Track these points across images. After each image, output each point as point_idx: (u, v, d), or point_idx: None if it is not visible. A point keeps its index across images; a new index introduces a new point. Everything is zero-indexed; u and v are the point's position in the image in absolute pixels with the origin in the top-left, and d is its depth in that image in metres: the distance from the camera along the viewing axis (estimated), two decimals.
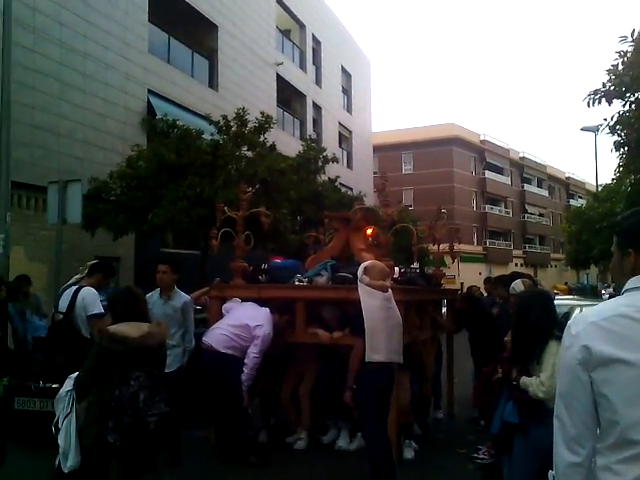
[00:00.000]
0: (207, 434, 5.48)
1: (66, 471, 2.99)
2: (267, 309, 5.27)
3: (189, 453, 5.30)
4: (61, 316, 4.72)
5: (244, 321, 5.09)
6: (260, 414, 5.91)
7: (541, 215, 53.25)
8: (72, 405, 3.09)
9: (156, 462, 3.47)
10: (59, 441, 3.03)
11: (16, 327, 7.00)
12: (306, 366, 5.78)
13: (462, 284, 22.78)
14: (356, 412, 4.73)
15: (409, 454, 5.15)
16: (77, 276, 5.12)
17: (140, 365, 3.06)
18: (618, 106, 8.10)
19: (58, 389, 4.91)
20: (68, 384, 3.19)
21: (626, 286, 1.57)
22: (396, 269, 7.89)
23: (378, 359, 3.98)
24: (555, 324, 3.40)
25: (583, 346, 1.49)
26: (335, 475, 4.71)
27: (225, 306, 5.65)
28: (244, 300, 5.71)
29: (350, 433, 5.55)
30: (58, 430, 3.06)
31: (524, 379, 3.26)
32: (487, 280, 8.83)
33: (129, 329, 3.08)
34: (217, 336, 5.04)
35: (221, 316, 5.48)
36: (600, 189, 23.66)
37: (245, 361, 4.97)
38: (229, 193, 9.69)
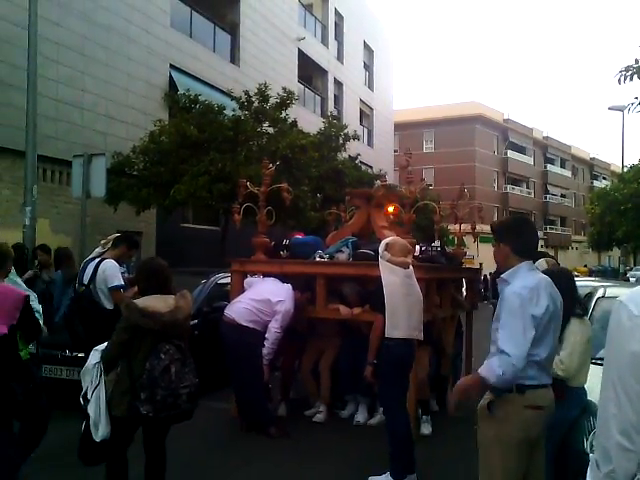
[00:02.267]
0: (229, 406, 5.60)
1: (98, 440, 3.07)
2: (289, 285, 5.32)
3: (210, 424, 5.42)
4: (83, 288, 4.80)
5: (266, 296, 5.15)
6: (280, 388, 6.01)
7: (563, 196, 52.41)
8: (100, 377, 3.14)
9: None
10: (89, 412, 3.09)
11: (55, 297, 7.04)
12: (326, 341, 5.85)
13: (481, 264, 22.60)
14: (376, 388, 4.79)
15: (426, 430, 5.21)
16: (98, 249, 5.18)
17: (169, 338, 3.11)
18: None
19: (83, 358, 5.05)
20: (94, 356, 3.22)
21: None
22: (417, 247, 7.88)
23: (398, 335, 4.01)
24: (576, 302, 3.39)
25: None
26: (352, 448, 4.78)
27: (247, 281, 5.71)
28: (265, 275, 5.77)
29: (368, 409, 5.62)
30: (87, 401, 3.11)
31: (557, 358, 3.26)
32: None
33: (158, 303, 3.11)
34: (239, 310, 5.11)
35: (243, 290, 5.55)
36: (626, 170, 23.16)
37: (266, 335, 5.04)
38: (250, 169, 9.72)
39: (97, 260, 4.93)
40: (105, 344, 3.23)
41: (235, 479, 4.10)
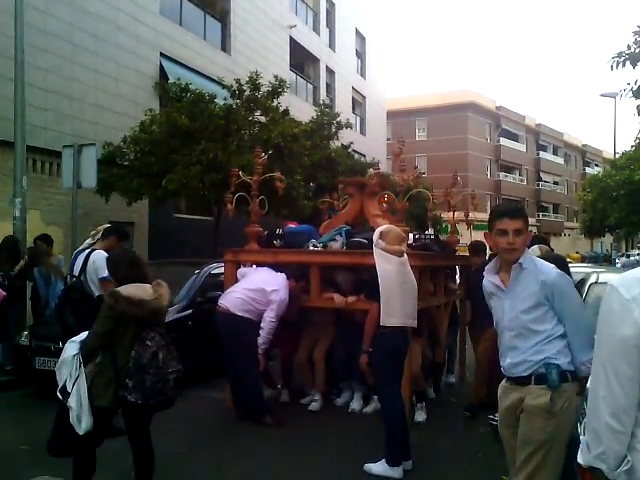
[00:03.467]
0: (224, 395, 5.60)
1: (82, 433, 3.04)
2: (283, 274, 5.31)
3: (206, 414, 5.43)
4: (74, 279, 4.78)
5: (260, 285, 5.13)
6: (281, 375, 6.02)
7: (556, 183, 52.60)
8: (79, 368, 3.08)
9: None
10: (71, 404, 3.04)
11: (40, 291, 7.10)
12: (321, 330, 5.85)
13: None
14: (371, 377, 4.80)
15: (420, 417, 5.23)
16: (88, 240, 5.16)
17: (152, 326, 3.15)
18: None
19: None
20: (72, 348, 3.15)
21: None
22: (410, 235, 7.88)
23: (393, 323, 4.01)
24: None
25: None
26: (348, 436, 4.80)
27: (240, 271, 5.69)
28: (259, 265, 5.76)
29: (364, 397, 5.64)
30: (67, 394, 3.06)
31: None
32: None
33: (140, 291, 3.11)
34: (233, 299, 5.10)
35: (236, 280, 5.53)
36: (618, 156, 23.23)
37: (261, 325, 5.03)
38: (242, 158, 9.65)
39: (87, 251, 4.90)
40: (81, 335, 3.19)
41: (231, 468, 4.10)
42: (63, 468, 3.96)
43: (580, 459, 1.54)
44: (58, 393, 3.11)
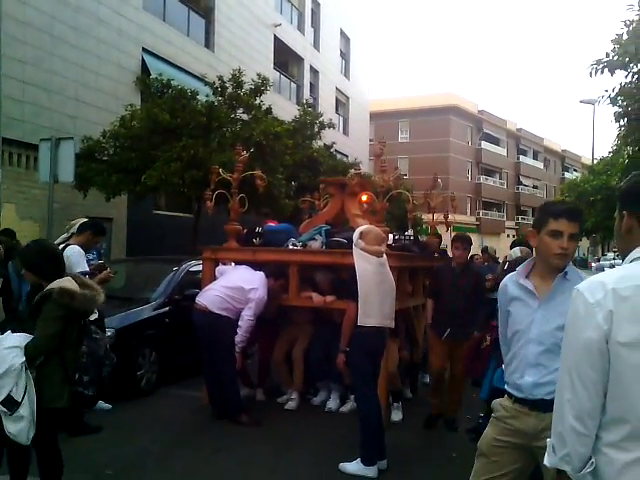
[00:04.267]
0: (200, 394, 5.56)
1: (29, 442, 2.83)
2: (262, 273, 5.29)
3: (181, 412, 5.38)
4: None
5: (239, 284, 5.10)
6: (258, 374, 6.00)
7: (535, 187, 53.31)
8: (27, 375, 2.82)
9: None
10: (24, 414, 2.76)
11: (13, 286, 6.95)
12: (299, 329, 5.84)
13: None
14: (348, 377, 4.81)
15: (397, 417, 5.26)
16: (64, 235, 5.07)
17: (87, 318, 3.08)
18: (620, 77, 8.01)
19: None
20: (14, 355, 2.80)
21: (634, 254, 1.50)
22: (390, 236, 7.90)
23: (371, 323, 4.02)
24: None
25: (606, 316, 1.39)
26: (325, 435, 4.80)
27: (218, 269, 5.65)
28: (237, 263, 5.72)
29: (340, 396, 5.65)
30: (17, 404, 2.75)
31: None
32: (484, 250, 8.85)
33: (74, 286, 2.91)
34: (211, 297, 5.06)
35: (215, 278, 5.49)
36: (596, 162, 23.64)
37: (239, 323, 5.00)
38: (223, 156, 9.59)
39: (61, 247, 4.81)
40: (12, 340, 2.85)
41: (207, 467, 4.07)
42: None
43: (546, 461, 1.56)
44: (1, 406, 2.77)
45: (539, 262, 2.28)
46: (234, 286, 5.10)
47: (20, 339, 2.85)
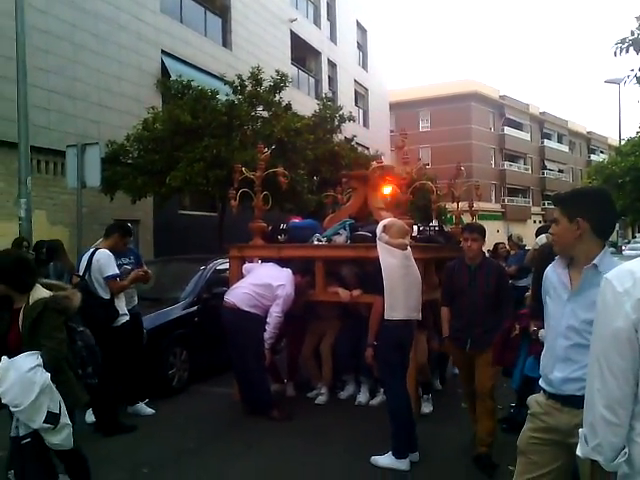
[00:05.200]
0: (231, 390, 5.65)
1: (74, 445, 2.93)
2: (289, 270, 5.33)
3: (213, 409, 5.48)
4: (78, 279, 4.79)
5: (267, 281, 5.16)
6: (287, 369, 6.06)
7: (561, 171, 52.29)
8: (52, 387, 2.80)
9: None
10: (65, 421, 2.81)
11: None
12: (327, 324, 5.87)
13: None
14: (377, 370, 4.82)
15: (427, 409, 5.25)
16: (101, 239, 5.18)
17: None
18: None
19: None
20: (39, 374, 2.72)
21: None
22: (414, 227, 7.87)
23: (397, 316, 4.02)
24: None
25: (635, 305, 1.37)
26: (355, 429, 4.83)
27: (245, 266, 5.71)
28: (263, 260, 5.77)
29: (370, 390, 5.67)
30: (56, 418, 2.76)
31: (542, 332, 3.24)
32: (509, 238, 8.75)
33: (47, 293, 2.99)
34: (240, 295, 5.12)
35: (242, 276, 5.55)
36: (624, 143, 23.08)
37: (267, 320, 5.06)
38: (245, 154, 9.66)
39: (91, 250, 4.91)
40: (29, 361, 2.75)
41: (239, 463, 4.14)
42: None
43: (579, 451, 1.55)
44: (43, 424, 2.73)
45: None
46: (262, 283, 5.15)
47: (34, 357, 2.77)
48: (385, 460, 3.99)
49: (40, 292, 2.94)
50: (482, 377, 4.03)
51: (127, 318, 4.91)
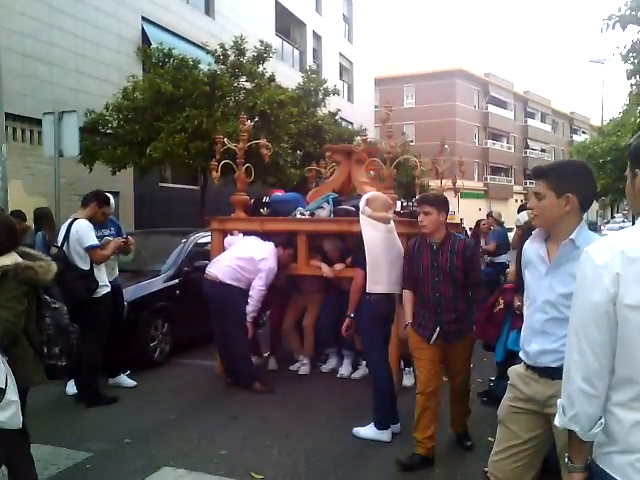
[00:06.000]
0: (213, 363, 5.64)
1: (21, 426, 2.67)
2: (271, 243, 5.29)
3: (195, 382, 5.47)
4: (57, 250, 4.69)
5: (249, 254, 5.12)
6: (270, 343, 6.07)
7: (543, 150, 52.67)
8: (2, 360, 2.64)
9: None
10: (12, 398, 2.59)
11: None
12: (309, 297, 5.87)
13: (462, 220, 22.83)
14: (359, 343, 4.84)
15: (408, 381, 5.30)
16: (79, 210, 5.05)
17: (45, 289, 2.94)
18: (632, 33, 7.79)
19: None
20: None
21: None
22: (398, 203, 7.85)
23: (379, 290, 4.02)
24: None
25: (614, 279, 1.38)
26: (337, 401, 4.87)
27: (227, 240, 5.65)
28: (245, 233, 5.72)
29: (352, 363, 5.71)
30: (2, 392, 2.55)
31: None
32: (488, 215, 8.79)
33: (21, 260, 2.74)
34: (222, 268, 5.08)
35: (223, 249, 5.50)
36: (606, 123, 23.25)
37: (250, 293, 5.04)
38: (227, 126, 9.50)
39: (69, 221, 4.80)
40: None
41: (222, 435, 4.15)
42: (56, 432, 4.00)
43: (556, 421, 1.58)
44: None
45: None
46: (245, 256, 5.11)
47: None
48: (367, 431, 4.03)
49: (8, 259, 2.70)
50: (458, 373, 3.75)
51: (108, 289, 4.84)
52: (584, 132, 56.12)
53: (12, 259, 2.71)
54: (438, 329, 3.54)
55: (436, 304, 3.59)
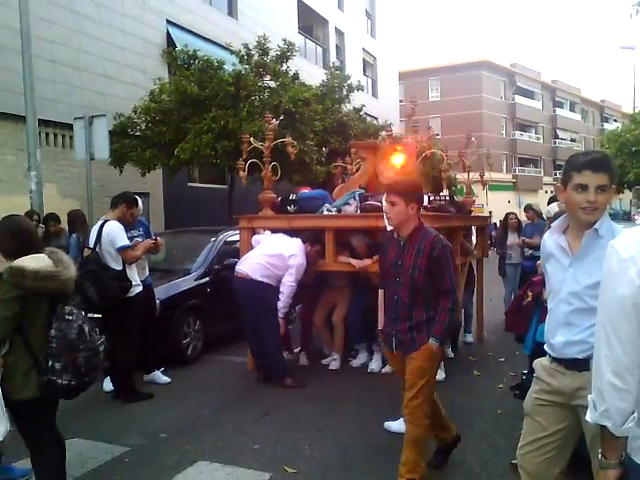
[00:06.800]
0: (244, 360, 5.71)
1: (2, 439, 2.63)
2: (299, 239, 5.33)
3: (227, 378, 5.55)
4: (90, 251, 4.80)
5: (278, 251, 5.17)
6: (301, 339, 6.12)
7: (573, 140, 51.55)
8: None
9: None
10: None
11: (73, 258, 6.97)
12: (338, 293, 5.90)
13: (491, 212, 22.54)
14: None
15: (440, 376, 5.24)
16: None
17: (65, 299, 2.80)
18: None
19: (95, 319, 5.09)
20: None
21: None
22: (425, 197, 7.79)
23: None
24: None
25: (639, 272, 1.37)
26: (368, 396, 4.88)
27: (254, 238, 5.71)
28: (273, 231, 5.77)
29: (383, 357, 5.71)
30: None
31: None
32: (528, 208, 8.37)
33: (40, 263, 2.69)
34: (252, 265, 5.14)
35: (252, 247, 5.56)
36: (637, 110, 22.64)
37: (281, 289, 5.09)
38: (253, 125, 9.58)
39: (100, 223, 4.92)
40: None
41: (255, 429, 4.20)
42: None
43: (588, 417, 1.56)
44: None
45: (571, 218, 2.18)
46: (274, 253, 5.16)
47: None
48: (398, 426, 4.02)
49: (22, 260, 2.66)
50: (411, 385, 3.11)
51: (140, 288, 4.94)
52: (615, 120, 54.69)
53: (27, 262, 2.65)
54: (394, 338, 3.17)
55: (394, 308, 3.18)
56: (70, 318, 2.73)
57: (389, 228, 3.39)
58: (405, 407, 3.16)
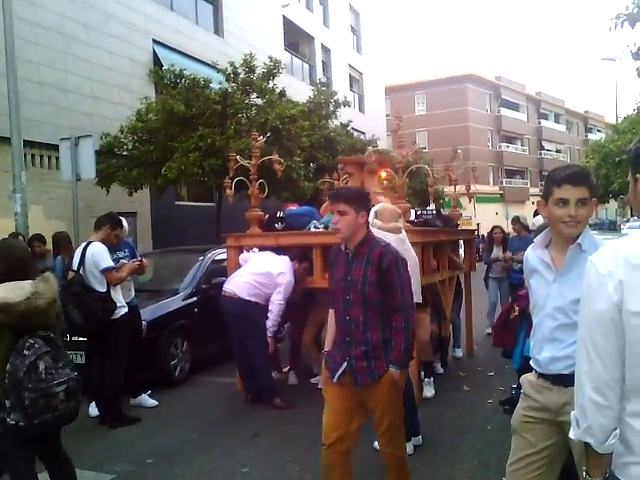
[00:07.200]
0: (233, 380, 5.65)
1: None
2: (286, 257, 5.31)
3: (215, 399, 5.49)
4: (73, 273, 4.75)
5: (267, 269, 5.14)
6: (290, 358, 6.06)
7: (558, 151, 52.16)
8: None
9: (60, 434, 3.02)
10: None
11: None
12: (327, 310, 5.85)
13: (478, 225, 22.67)
14: None
15: (429, 392, 5.26)
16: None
17: (32, 331, 2.64)
18: None
19: (80, 342, 4.99)
20: None
21: None
22: (412, 212, 7.84)
23: None
24: None
25: (617, 286, 1.37)
26: None
27: (242, 256, 5.68)
28: (261, 249, 5.75)
29: None
30: None
31: None
32: (515, 220, 8.39)
33: (10, 292, 2.61)
34: (240, 284, 5.11)
35: (239, 265, 5.53)
36: (620, 121, 22.99)
37: (270, 308, 5.06)
38: (240, 143, 9.60)
39: (84, 245, 4.87)
40: None
41: (245, 451, 4.15)
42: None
43: (571, 434, 1.55)
44: None
45: (553, 233, 2.18)
46: (262, 272, 5.14)
47: None
48: None
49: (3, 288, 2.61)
50: (383, 416, 2.86)
51: (125, 310, 4.89)
52: (599, 130, 55.47)
53: (1, 292, 2.58)
54: (345, 364, 2.82)
55: (345, 330, 2.87)
56: (26, 353, 2.57)
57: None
58: (380, 438, 2.96)
